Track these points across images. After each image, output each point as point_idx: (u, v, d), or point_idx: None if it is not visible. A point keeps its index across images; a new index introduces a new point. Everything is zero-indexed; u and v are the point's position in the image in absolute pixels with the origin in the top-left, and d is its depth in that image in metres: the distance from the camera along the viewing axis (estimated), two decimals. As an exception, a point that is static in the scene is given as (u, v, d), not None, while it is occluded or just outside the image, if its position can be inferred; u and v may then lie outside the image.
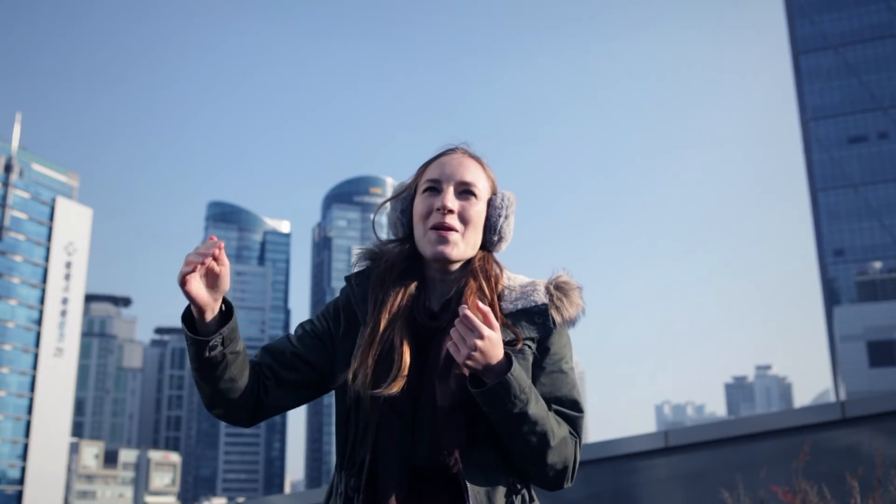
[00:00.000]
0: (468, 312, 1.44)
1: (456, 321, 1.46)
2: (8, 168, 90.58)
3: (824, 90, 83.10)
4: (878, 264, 75.24)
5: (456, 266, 1.65)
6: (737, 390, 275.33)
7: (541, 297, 1.62)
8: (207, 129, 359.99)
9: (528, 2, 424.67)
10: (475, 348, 1.43)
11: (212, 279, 1.50)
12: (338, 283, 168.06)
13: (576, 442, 1.57)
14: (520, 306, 1.61)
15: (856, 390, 63.59)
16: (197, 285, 1.46)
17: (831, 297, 78.59)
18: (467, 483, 1.48)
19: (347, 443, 1.59)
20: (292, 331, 1.72)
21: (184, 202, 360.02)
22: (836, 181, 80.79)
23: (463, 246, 1.61)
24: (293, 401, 1.66)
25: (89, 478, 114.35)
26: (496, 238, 1.67)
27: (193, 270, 1.45)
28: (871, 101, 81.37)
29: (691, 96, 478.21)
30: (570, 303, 1.64)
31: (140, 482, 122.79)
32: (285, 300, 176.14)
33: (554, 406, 1.58)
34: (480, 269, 1.64)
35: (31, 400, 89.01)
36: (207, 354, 1.49)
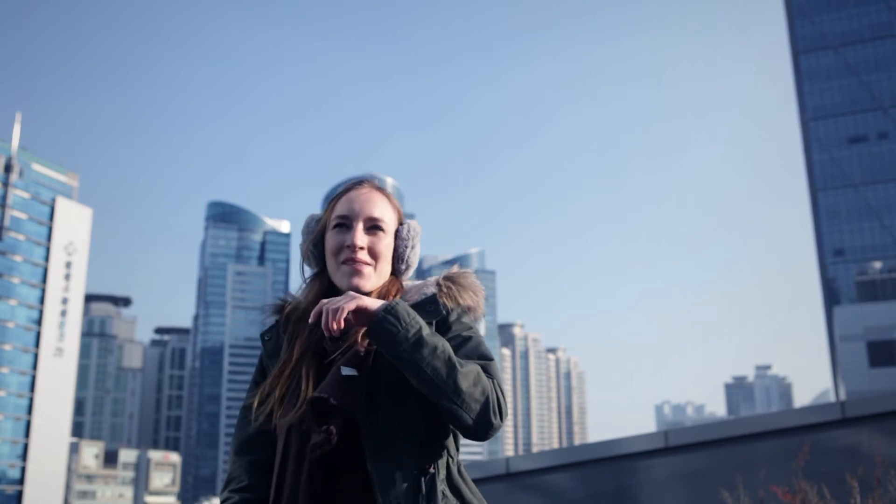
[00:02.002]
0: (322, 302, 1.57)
1: (317, 308, 1.57)
2: (8, 168, 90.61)
3: (824, 90, 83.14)
4: (878, 264, 75.27)
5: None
6: (737, 390, 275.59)
7: (430, 289, 1.71)
8: (207, 129, 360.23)
9: (529, 2, 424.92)
10: (341, 305, 1.54)
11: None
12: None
13: (492, 381, 1.61)
14: (414, 300, 1.69)
15: (856, 390, 63.60)
16: None
17: (831, 297, 78.63)
18: (373, 471, 1.55)
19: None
20: (237, 415, 1.81)
21: (184, 202, 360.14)
22: (836, 181, 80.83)
23: (375, 278, 1.72)
24: None
25: (89, 478, 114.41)
26: (403, 267, 1.78)
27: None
28: (871, 101, 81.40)
29: (691, 96, 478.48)
30: (462, 289, 1.72)
31: (140, 482, 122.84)
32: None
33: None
34: (384, 293, 1.73)
35: (31, 400, 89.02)
36: None
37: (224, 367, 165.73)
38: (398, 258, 1.78)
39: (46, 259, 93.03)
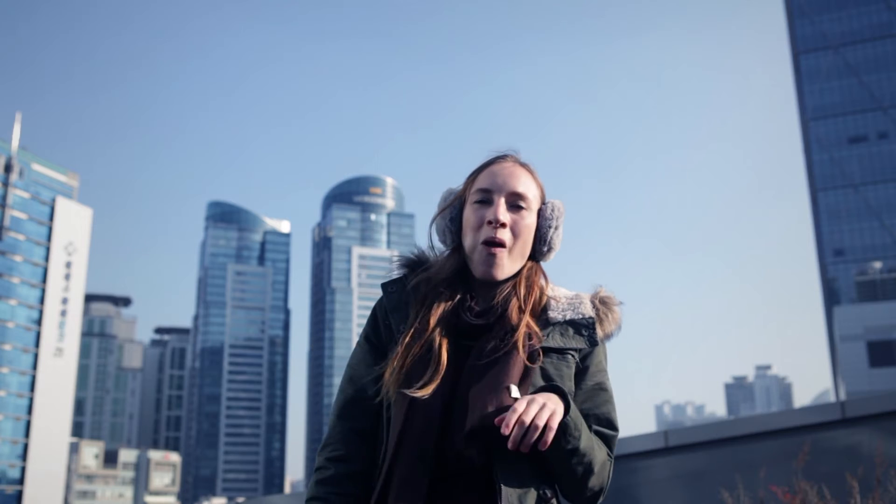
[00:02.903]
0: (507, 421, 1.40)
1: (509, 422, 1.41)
2: (8, 168, 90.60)
3: (824, 90, 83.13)
4: (878, 264, 75.28)
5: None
6: (737, 390, 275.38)
7: (588, 310, 1.62)
8: (207, 129, 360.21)
9: (529, 2, 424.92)
10: (544, 417, 1.41)
11: None
12: (338, 284, 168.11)
13: (611, 463, 1.59)
14: (568, 317, 1.61)
15: (856, 390, 63.60)
16: None
17: (831, 297, 78.62)
18: (501, 485, 1.45)
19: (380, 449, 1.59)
20: (345, 373, 1.69)
21: (184, 202, 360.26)
22: (836, 181, 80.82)
23: (510, 264, 1.61)
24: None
25: (89, 478, 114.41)
26: (545, 249, 1.67)
27: None
28: (871, 101, 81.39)
29: (691, 96, 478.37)
30: (612, 318, 1.65)
31: (140, 482, 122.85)
32: (285, 300, 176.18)
33: (594, 426, 1.58)
34: (526, 279, 1.64)
35: (31, 400, 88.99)
36: None
37: (224, 367, 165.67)
38: (540, 239, 1.66)
39: (46, 259, 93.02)
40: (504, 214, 1.59)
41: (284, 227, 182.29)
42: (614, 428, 1.60)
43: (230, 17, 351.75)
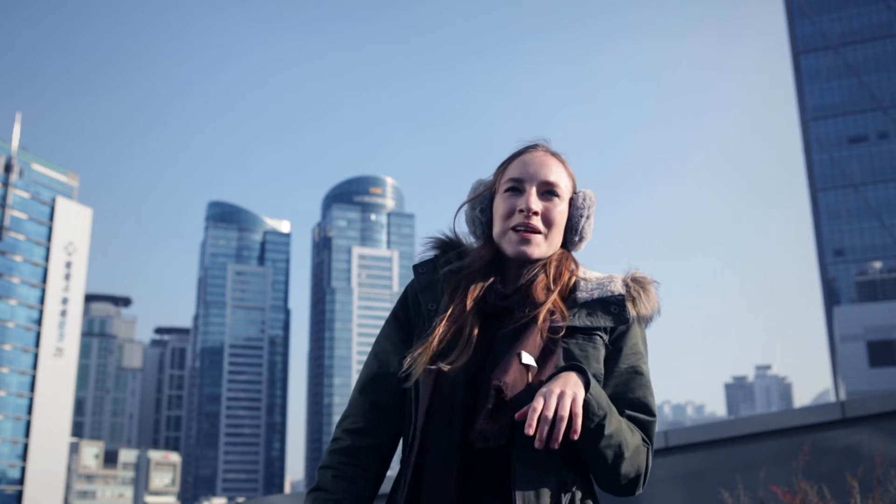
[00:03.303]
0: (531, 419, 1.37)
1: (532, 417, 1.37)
2: (8, 168, 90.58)
3: (824, 90, 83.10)
4: (878, 264, 75.26)
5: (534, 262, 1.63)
6: (737, 390, 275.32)
7: (618, 288, 1.58)
8: (207, 129, 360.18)
9: (529, 2, 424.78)
10: (566, 406, 1.38)
11: None
12: (338, 284, 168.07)
13: (648, 449, 1.51)
14: (596, 296, 1.57)
15: (856, 390, 63.57)
16: None
17: (831, 297, 78.59)
18: (515, 464, 1.41)
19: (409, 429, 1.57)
20: (371, 348, 1.67)
21: (184, 202, 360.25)
22: (836, 181, 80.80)
23: (545, 247, 1.59)
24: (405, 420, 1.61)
25: (89, 478, 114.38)
26: (577, 238, 1.65)
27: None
28: (871, 101, 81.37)
29: (691, 96, 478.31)
30: (647, 298, 1.60)
31: (140, 482, 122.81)
32: (285, 300, 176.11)
33: (627, 411, 1.52)
34: (556, 262, 1.61)
35: (31, 400, 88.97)
36: None
37: (224, 367, 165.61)
38: (571, 228, 1.63)
39: (46, 259, 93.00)
40: (536, 203, 1.57)
41: (284, 227, 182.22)
42: (651, 413, 1.53)
43: (230, 17, 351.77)
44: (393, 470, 1.69)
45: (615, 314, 1.55)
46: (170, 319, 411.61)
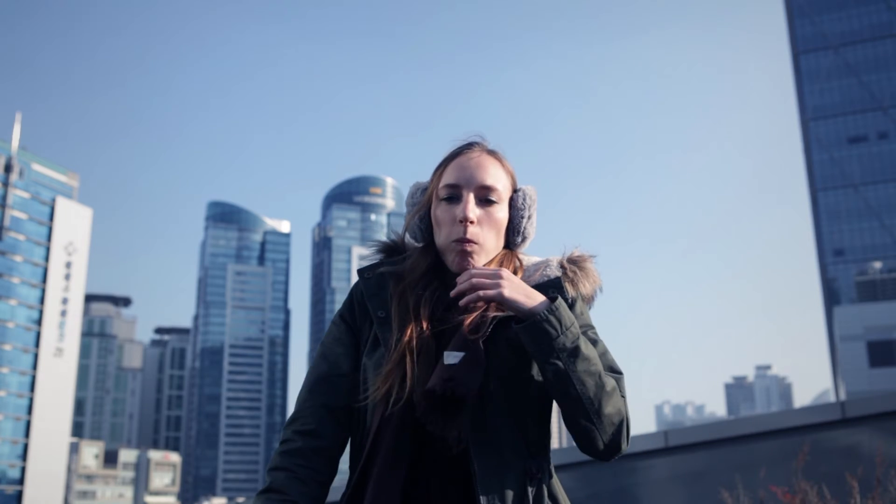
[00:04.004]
0: (470, 267, 1.46)
1: (462, 277, 1.44)
2: (8, 168, 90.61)
3: (824, 90, 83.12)
4: (878, 264, 75.26)
5: None
6: (737, 390, 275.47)
7: (553, 271, 1.54)
8: (207, 129, 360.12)
9: (529, 2, 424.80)
10: (500, 277, 1.41)
11: None
12: (338, 284, 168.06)
13: (625, 399, 1.46)
14: (533, 283, 1.53)
15: (856, 390, 63.60)
16: None
17: (831, 297, 78.61)
18: (476, 463, 1.37)
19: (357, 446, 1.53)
20: (318, 349, 1.63)
21: (184, 202, 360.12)
22: (836, 181, 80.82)
23: (485, 257, 1.54)
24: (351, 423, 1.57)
25: (89, 478, 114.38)
26: (519, 239, 1.59)
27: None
28: (871, 101, 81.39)
29: (691, 96, 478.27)
30: (585, 276, 1.56)
31: (140, 482, 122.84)
32: (285, 300, 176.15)
33: None
34: (498, 264, 1.57)
35: (31, 400, 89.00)
36: None
37: (224, 367, 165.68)
38: (513, 230, 1.58)
39: (46, 259, 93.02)
40: (473, 211, 1.51)
41: (284, 227, 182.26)
42: (617, 371, 1.49)
43: (230, 17, 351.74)
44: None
45: (552, 298, 1.49)
46: (170, 319, 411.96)
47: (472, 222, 1.50)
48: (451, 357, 1.39)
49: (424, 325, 1.48)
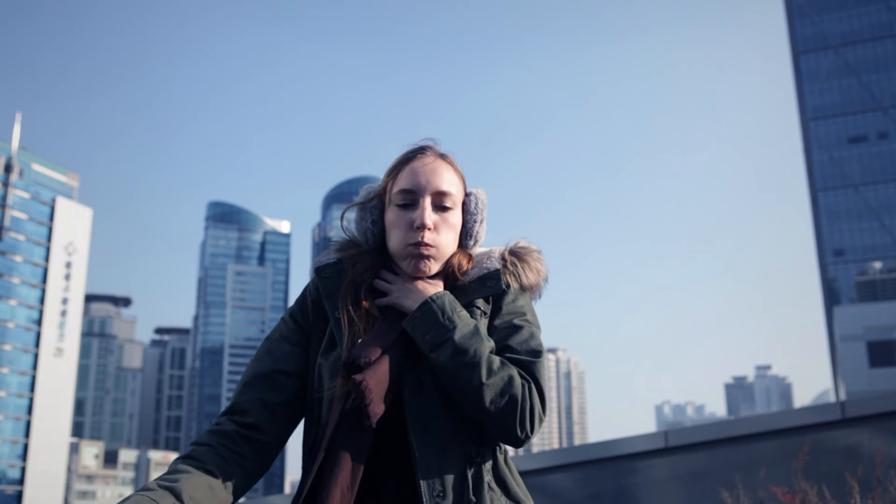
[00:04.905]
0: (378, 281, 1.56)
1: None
2: (8, 168, 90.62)
3: (824, 90, 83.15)
4: (878, 264, 75.29)
5: None
6: (737, 390, 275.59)
7: (493, 263, 1.59)
8: (207, 129, 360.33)
9: (529, 2, 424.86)
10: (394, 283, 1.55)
11: None
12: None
13: (528, 385, 1.45)
14: (474, 275, 1.58)
15: (856, 390, 63.62)
16: None
17: (831, 297, 78.64)
18: (415, 449, 1.41)
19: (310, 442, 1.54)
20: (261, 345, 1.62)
21: (184, 202, 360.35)
22: (836, 181, 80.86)
23: (440, 263, 1.58)
24: (292, 422, 1.56)
25: (89, 478, 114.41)
26: (472, 242, 1.63)
27: None
28: (871, 101, 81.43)
29: (691, 96, 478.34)
30: (526, 267, 1.60)
31: (140, 482, 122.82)
32: (285, 300, 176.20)
33: (507, 354, 1.49)
34: (456, 265, 1.61)
35: (31, 400, 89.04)
36: None
37: (224, 367, 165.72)
38: (466, 233, 1.61)
39: (46, 259, 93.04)
40: (430, 217, 1.53)
41: (284, 227, 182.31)
42: (533, 354, 1.50)
43: (230, 17, 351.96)
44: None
45: (490, 287, 1.56)
46: (170, 319, 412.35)
47: (429, 229, 1.52)
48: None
49: (367, 326, 1.52)
